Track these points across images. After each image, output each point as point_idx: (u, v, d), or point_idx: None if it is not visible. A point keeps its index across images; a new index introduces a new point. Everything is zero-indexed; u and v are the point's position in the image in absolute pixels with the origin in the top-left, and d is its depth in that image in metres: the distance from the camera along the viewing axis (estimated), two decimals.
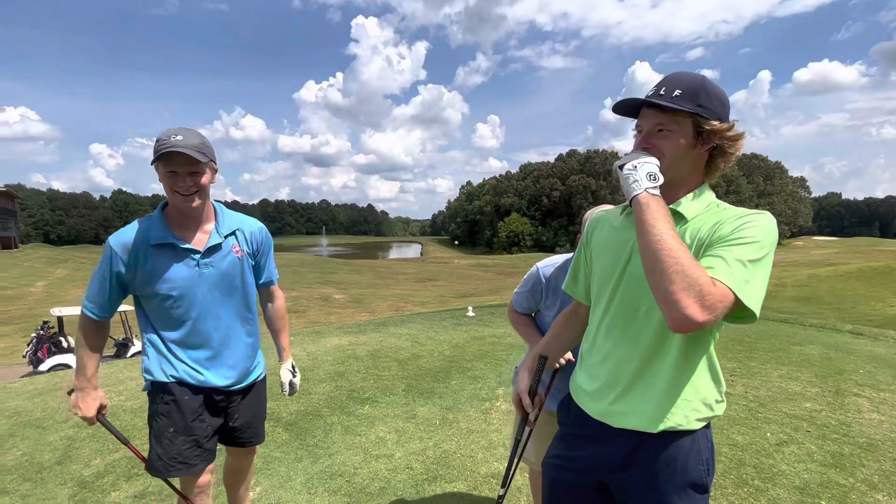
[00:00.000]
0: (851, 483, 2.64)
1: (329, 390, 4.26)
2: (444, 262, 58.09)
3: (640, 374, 1.12)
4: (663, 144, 1.07)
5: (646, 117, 1.09)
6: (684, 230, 1.08)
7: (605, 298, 1.19)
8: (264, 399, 2.03)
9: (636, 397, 1.13)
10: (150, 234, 1.61)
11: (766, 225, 1.01)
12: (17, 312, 18.17)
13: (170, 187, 1.57)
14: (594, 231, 1.31)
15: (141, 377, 4.85)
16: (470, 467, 2.87)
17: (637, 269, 1.11)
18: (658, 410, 1.10)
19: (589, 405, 1.22)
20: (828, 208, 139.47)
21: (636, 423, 1.12)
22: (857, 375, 4.51)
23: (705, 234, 1.04)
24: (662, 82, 1.07)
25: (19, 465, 2.94)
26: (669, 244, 0.93)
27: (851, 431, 3.29)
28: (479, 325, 7.32)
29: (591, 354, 1.25)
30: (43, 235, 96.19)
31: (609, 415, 1.17)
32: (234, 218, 1.79)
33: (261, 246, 1.85)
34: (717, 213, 1.08)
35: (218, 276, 1.70)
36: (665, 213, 0.99)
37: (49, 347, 9.58)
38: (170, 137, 1.52)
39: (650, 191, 1.01)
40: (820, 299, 12.78)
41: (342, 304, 20.29)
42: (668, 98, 1.04)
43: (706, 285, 0.90)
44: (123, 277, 1.63)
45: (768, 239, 0.99)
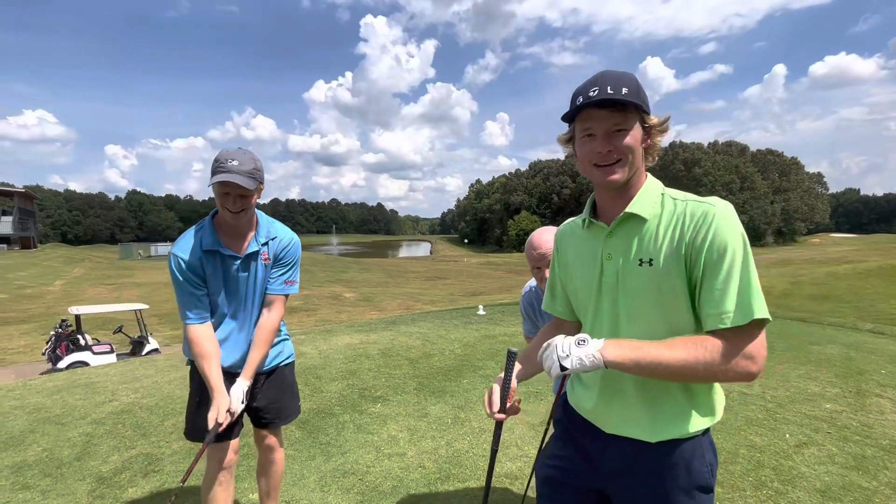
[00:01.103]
0: (875, 486, 2.57)
1: (341, 388, 4.27)
2: (454, 260, 58.05)
3: (633, 383, 1.11)
4: (625, 144, 1.03)
5: (598, 118, 1.03)
6: (645, 232, 1.06)
7: (589, 310, 1.19)
8: (291, 382, 2.15)
9: (632, 406, 1.12)
10: (202, 240, 1.83)
11: (733, 223, 0.99)
12: (37, 311, 18.57)
13: (221, 204, 1.76)
14: (563, 247, 1.30)
15: (157, 375, 4.94)
16: (482, 467, 2.86)
17: (610, 280, 1.12)
18: (655, 420, 1.09)
19: (587, 412, 1.22)
20: (846, 204, 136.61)
21: (635, 432, 1.11)
22: (878, 376, 4.40)
23: (674, 238, 1.02)
24: (604, 81, 1.01)
25: (39, 460, 3.00)
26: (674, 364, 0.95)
27: (874, 433, 3.21)
28: (490, 324, 7.30)
29: None
30: (60, 235, 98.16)
31: (607, 423, 1.16)
32: (272, 227, 1.97)
33: (280, 254, 1.97)
34: (671, 209, 1.06)
35: (252, 279, 1.92)
36: (632, 348, 0.98)
37: (67, 345, 9.75)
38: (227, 161, 1.69)
39: (600, 351, 0.98)
40: (838, 298, 12.49)
41: (352, 303, 20.39)
42: (620, 95, 1.00)
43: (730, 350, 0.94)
44: (197, 274, 1.82)
45: (742, 237, 0.98)
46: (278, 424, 2.10)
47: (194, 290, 1.83)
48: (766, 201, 70.78)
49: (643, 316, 1.08)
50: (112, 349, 10.05)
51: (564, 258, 1.29)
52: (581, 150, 1.09)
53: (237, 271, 1.87)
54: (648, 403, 1.10)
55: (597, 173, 1.07)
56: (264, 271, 1.93)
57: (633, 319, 1.09)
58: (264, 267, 1.93)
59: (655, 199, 1.08)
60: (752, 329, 0.94)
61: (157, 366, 5.23)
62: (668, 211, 1.06)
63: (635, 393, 1.11)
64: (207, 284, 1.86)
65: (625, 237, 1.10)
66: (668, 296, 1.04)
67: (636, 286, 1.07)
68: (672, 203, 1.07)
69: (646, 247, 1.06)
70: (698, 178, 70.45)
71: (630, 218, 1.09)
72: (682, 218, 1.03)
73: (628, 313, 1.09)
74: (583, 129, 1.07)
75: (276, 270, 1.97)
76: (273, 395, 2.04)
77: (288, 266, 1.99)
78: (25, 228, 45.81)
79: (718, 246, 0.97)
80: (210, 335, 1.86)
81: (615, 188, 1.09)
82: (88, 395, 4.21)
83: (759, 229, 70.19)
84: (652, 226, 1.06)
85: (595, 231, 1.17)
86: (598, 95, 1.00)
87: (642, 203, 1.08)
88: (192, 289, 1.82)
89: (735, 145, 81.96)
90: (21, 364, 10.76)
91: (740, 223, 0.99)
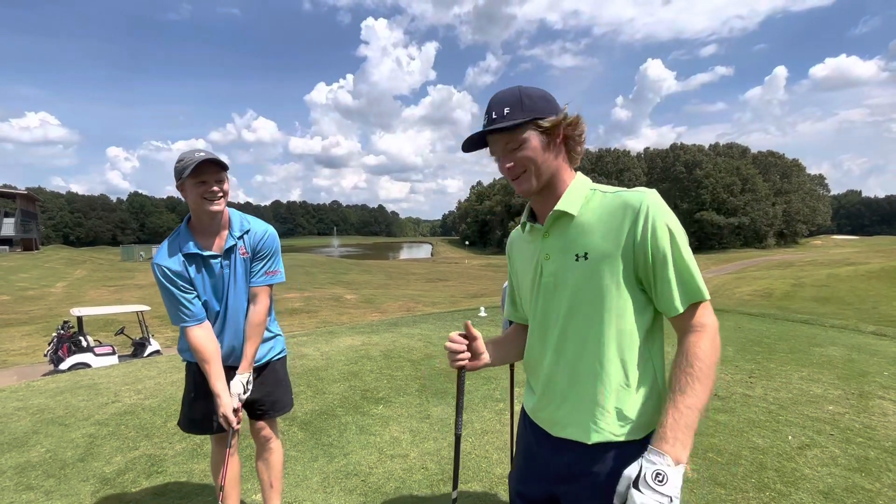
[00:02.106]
0: (878, 488, 2.57)
1: (343, 390, 4.28)
2: (455, 262, 58.06)
3: (570, 384, 1.12)
4: (523, 156, 1.09)
5: (495, 143, 1.12)
6: (577, 228, 1.10)
7: (531, 312, 1.21)
8: (283, 376, 2.20)
9: (570, 407, 1.12)
10: (180, 245, 1.88)
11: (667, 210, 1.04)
12: (39, 312, 18.60)
13: (200, 195, 1.78)
14: (511, 252, 1.34)
15: (159, 376, 4.95)
16: (485, 468, 2.86)
17: (548, 279, 1.14)
18: (591, 420, 1.08)
19: (535, 414, 1.23)
20: (847, 206, 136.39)
21: (574, 433, 1.11)
22: (881, 377, 4.39)
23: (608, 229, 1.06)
24: (490, 108, 1.10)
25: (43, 461, 3.01)
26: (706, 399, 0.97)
27: (876, 435, 3.20)
28: (492, 326, 7.30)
29: (529, 366, 1.27)
30: (62, 237, 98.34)
31: (551, 424, 1.17)
32: (245, 221, 2.01)
33: (256, 247, 1.99)
34: (601, 203, 1.10)
35: (234, 275, 1.96)
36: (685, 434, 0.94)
37: (69, 347, 9.77)
38: (194, 154, 1.75)
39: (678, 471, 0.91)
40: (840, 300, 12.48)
41: (354, 305, 20.39)
42: (502, 119, 1.07)
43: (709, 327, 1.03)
44: (184, 279, 1.86)
45: (676, 223, 1.04)
46: (273, 416, 2.16)
47: (184, 294, 1.87)
48: (768, 203, 70.63)
49: (583, 310, 1.09)
50: (114, 351, 10.06)
51: (514, 265, 1.32)
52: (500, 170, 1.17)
53: (220, 269, 1.92)
54: (586, 403, 1.09)
55: (515, 185, 1.14)
56: (244, 265, 1.98)
57: (575, 315, 1.10)
58: (243, 261, 1.97)
59: (583, 195, 1.12)
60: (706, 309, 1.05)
61: (160, 367, 5.24)
62: (598, 204, 1.10)
63: (573, 393, 1.12)
64: (194, 287, 1.90)
65: (559, 235, 1.13)
66: (605, 286, 1.06)
67: (574, 281, 1.09)
68: (601, 196, 1.10)
69: (579, 241, 1.09)
70: (699, 179, 70.35)
71: (561, 216, 1.12)
72: (615, 210, 1.06)
73: (570, 309, 1.10)
74: (491, 153, 1.15)
75: (256, 263, 2.00)
76: (267, 388, 2.11)
77: (266, 257, 2.01)
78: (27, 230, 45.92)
79: (659, 236, 1.01)
80: (210, 336, 1.92)
81: (531, 195, 1.15)
82: (91, 397, 4.22)
83: (760, 231, 70.07)
84: (582, 220, 1.09)
85: (534, 234, 1.20)
86: (486, 125, 1.09)
87: (569, 200, 1.11)
88: (181, 294, 1.86)
89: (736, 147, 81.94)
90: (23, 366, 10.78)
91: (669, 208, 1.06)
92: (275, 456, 2.21)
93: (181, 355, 2.09)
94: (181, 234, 1.90)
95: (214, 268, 1.91)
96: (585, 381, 1.09)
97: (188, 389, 2.08)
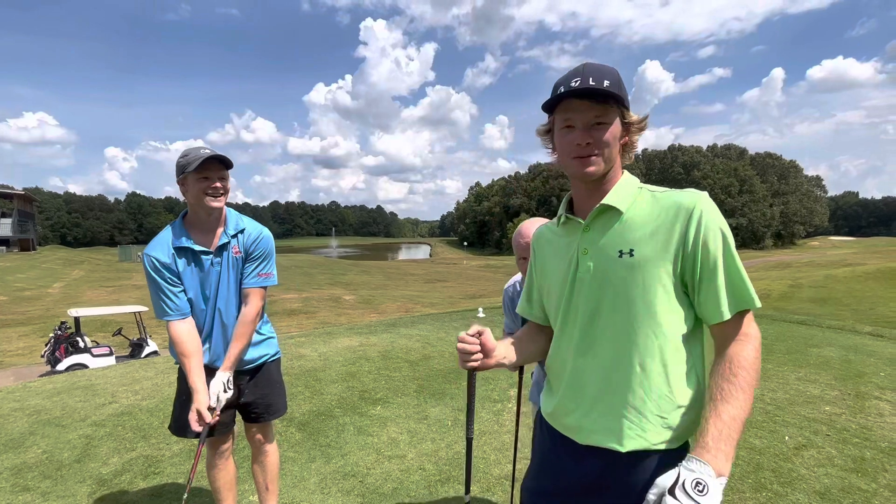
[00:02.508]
0: (874, 488, 2.58)
1: (341, 391, 4.27)
2: (453, 263, 58.06)
3: (604, 387, 1.05)
4: (606, 136, 1.01)
5: (579, 110, 1.01)
6: (623, 224, 1.05)
7: (560, 309, 1.14)
8: (277, 378, 2.18)
9: (602, 412, 1.05)
10: (172, 238, 1.88)
11: (718, 215, 1.00)
12: (36, 313, 18.54)
13: (201, 191, 1.80)
14: (538, 247, 1.28)
15: (156, 377, 4.93)
16: (483, 469, 2.86)
17: (585, 275, 1.07)
18: (628, 427, 1.01)
19: (555, 420, 1.16)
20: (844, 207, 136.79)
21: (603, 439, 1.04)
22: (877, 378, 4.41)
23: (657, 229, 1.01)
24: (587, 72, 1.00)
25: (39, 462, 3.00)
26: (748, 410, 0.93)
27: (873, 435, 3.22)
28: (490, 326, 7.25)
29: (553, 367, 1.20)
30: (60, 237, 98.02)
31: (576, 430, 1.09)
32: (241, 221, 2.01)
33: (250, 247, 1.98)
34: (651, 201, 1.05)
35: (225, 273, 1.95)
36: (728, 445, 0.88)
37: (66, 347, 9.74)
38: (199, 151, 1.78)
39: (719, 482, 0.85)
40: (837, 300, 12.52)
41: (352, 305, 20.37)
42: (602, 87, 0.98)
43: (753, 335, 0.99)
44: (171, 272, 1.86)
45: (727, 228, 0.99)
46: (267, 419, 2.14)
47: (171, 287, 1.87)
48: (765, 204, 70.82)
49: (623, 309, 1.03)
50: (111, 351, 10.03)
51: (541, 261, 1.26)
52: (560, 141, 1.07)
53: (209, 266, 1.92)
54: (622, 408, 1.02)
55: (575, 164, 1.05)
56: (236, 264, 1.97)
57: (612, 313, 1.04)
58: (235, 260, 1.96)
59: (632, 192, 1.07)
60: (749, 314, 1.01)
61: (157, 368, 5.23)
62: (647, 203, 1.05)
63: (606, 397, 1.05)
64: (182, 281, 1.90)
65: (601, 230, 1.07)
66: (649, 286, 1.01)
67: (615, 277, 1.04)
68: (651, 196, 1.06)
69: (624, 237, 1.04)
70: (697, 180, 70.48)
71: (606, 210, 1.07)
72: (666, 209, 1.02)
73: (607, 307, 1.05)
74: (563, 119, 1.04)
75: (249, 265, 1.99)
76: (261, 391, 2.09)
77: (260, 259, 2.00)
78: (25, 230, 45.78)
79: (710, 239, 0.97)
80: (191, 331, 1.90)
81: (591, 180, 1.07)
82: (88, 398, 4.21)
83: (758, 232, 70.26)
84: (629, 217, 1.05)
85: (571, 227, 1.15)
86: (581, 86, 0.98)
87: (618, 195, 1.06)
88: (167, 286, 1.86)
89: (734, 148, 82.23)
90: (20, 366, 10.73)
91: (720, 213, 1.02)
92: (270, 459, 2.20)
93: (173, 357, 2.04)
94: (175, 227, 1.91)
95: (204, 264, 1.91)
96: (622, 384, 1.02)
97: (179, 392, 2.05)
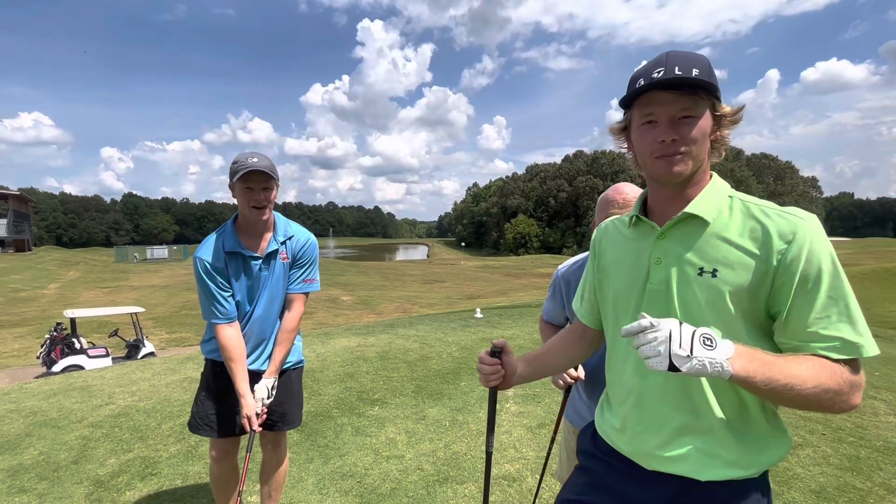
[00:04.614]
0: (869, 487, 2.60)
1: (339, 391, 4.27)
2: (451, 263, 58.08)
3: (674, 410, 0.95)
4: (694, 132, 0.89)
5: (663, 102, 0.89)
6: (708, 237, 0.92)
7: (626, 321, 0.99)
8: (296, 388, 2.17)
9: (674, 436, 0.95)
10: (224, 242, 1.92)
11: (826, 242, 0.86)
12: (31, 314, 18.44)
13: (246, 202, 1.85)
14: (602, 243, 1.15)
15: (153, 378, 4.91)
16: (480, 469, 2.86)
17: (658, 286, 0.96)
18: (704, 454, 0.92)
19: (615, 439, 1.06)
20: (840, 208, 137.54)
21: (680, 468, 0.94)
22: (872, 378, 4.44)
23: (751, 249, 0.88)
24: (672, 61, 0.88)
25: (36, 464, 2.99)
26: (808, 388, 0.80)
27: (868, 434, 3.24)
28: (488, 327, 7.31)
29: (616, 386, 1.09)
30: (55, 238, 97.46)
31: (643, 455, 1.00)
32: (290, 227, 2.06)
33: (297, 254, 2.04)
34: (745, 214, 0.92)
35: (272, 279, 1.99)
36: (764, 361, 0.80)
37: (62, 349, 9.70)
38: (247, 160, 1.81)
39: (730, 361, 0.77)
40: None
41: (349, 306, 20.35)
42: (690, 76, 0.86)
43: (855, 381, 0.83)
44: (223, 276, 1.91)
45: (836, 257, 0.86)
46: (280, 429, 2.12)
47: (220, 292, 1.91)
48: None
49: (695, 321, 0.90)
50: (107, 352, 9.99)
51: (602, 260, 1.13)
52: (639, 139, 0.95)
53: (258, 271, 1.95)
54: (697, 434, 0.93)
55: (658, 165, 0.92)
56: (283, 270, 2.01)
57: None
58: (283, 266, 2.01)
59: (721, 201, 0.94)
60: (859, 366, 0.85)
61: (154, 369, 5.21)
62: (740, 216, 0.92)
63: (678, 422, 0.95)
64: (231, 285, 1.94)
65: (681, 241, 0.94)
66: (731, 312, 0.89)
67: (693, 297, 0.91)
68: (744, 208, 0.92)
69: (708, 254, 0.91)
70: None
71: (689, 219, 0.94)
72: (765, 230, 0.88)
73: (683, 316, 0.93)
74: (643, 115, 0.93)
75: (295, 270, 2.04)
76: (278, 398, 2.06)
77: (306, 265, 2.06)
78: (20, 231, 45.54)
79: (814, 268, 0.84)
80: (237, 336, 1.94)
81: (677, 183, 0.94)
82: (85, 399, 4.19)
83: None
84: (716, 230, 0.91)
85: (643, 231, 1.02)
86: (665, 76, 0.86)
87: (706, 203, 0.93)
88: (217, 290, 1.90)
89: (730, 149, 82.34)
90: (15, 368, 10.68)
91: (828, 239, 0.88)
92: (279, 470, 2.19)
93: (203, 350, 2.08)
94: (226, 231, 1.95)
95: (253, 269, 1.94)
96: (696, 408, 0.93)
97: (200, 388, 2.08)
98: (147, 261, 46.67)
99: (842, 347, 0.83)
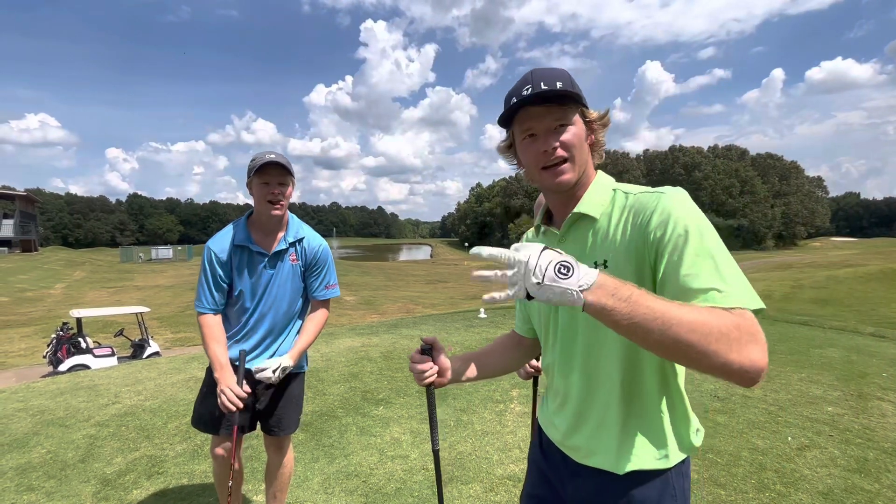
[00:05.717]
0: (877, 489, 2.58)
1: (343, 391, 4.28)
2: (455, 263, 58.06)
3: (589, 405, 1.02)
4: (570, 140, 0.95)
5: (538, 116, 0.96)
6: (597, 232, 0.98)
7: (548, 328, 1.09)
8: (296, 393, 2.15)
9: (596, 433, 1.01)
10: (235, 235, 1.95)
11: (689, 205, 0.88)
12: (37, 314, 18.58)
13: (263, 197, 1.87)
14: None
15: (159, 377, 4.94)
16: (486, 469, 2.86)
17: None
18: (622, 448, 0.98)
19: (556, 437, 1.12)
20: (846, 208, 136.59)
21: (600, 461, 1.00)
22: (880, 379, 4.41)
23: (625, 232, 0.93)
24: (537, 78, 0.95)
25: (44, 462, 3.01)
26: (682, 322, 0.72)
27: (875, 436, 3.22)
28: (492, 327, 7.31)
29: (550, 385, 1.17)
30: (61, 238, 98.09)
31: (573, 450, 1.06)
32: (301, 229, 2.06)
33: (311, 260, 2.06)
34: (623, 204, 0.96)
35: (279, 278, 1.99)
36: (633, 297, 0.74)
37: (68, 348, 9.75)
38: (265, 156, 1.84)
39: (587, 288, 0.73)
40: (839, 301, 12.49)
41: (353, 306, 20.38)
42: (556, 89, 0.93)
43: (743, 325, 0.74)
44: (225, 269, 1.93)
45: (704, 218, 0.86)
46: (277, 434, 2.10)
47: (218, 283, 1.94)
48: (767, 205, 70.77)
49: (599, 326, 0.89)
50: (113, 352, 10.05)
51: None
52: (525, 153, 1.01)
53: (263, 268, 1.96)
54: (613, 430, 0.99)
55: (546, 176, 0.98)
56: (292, 272, 2.02)
57: (592, 331, 0.99)
58: (292, 267, 2.02)
59: (605, 196, 1.00)
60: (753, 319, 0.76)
61: (160, 368, 5.24)
62: (619, 206, 0.97)
63: (594, 417, 1.01)
64: (234, 278, 1.96)
65: (576, 240, 1.01)
66: None
67: None
68: (623, 197, 0.98)
69: (599, 247, 0.97)
70: (698, 181, 70.56)
71: (579, 218, 1.01)
72: (632, 210, 0.93)
73: (587, 323, 0.99)
74: (522, 130, 0.99)
75: (315, 278, 2.07)
76: (275, 402, 2.05)
77: (323, 271, 2.08)
78: (26, 231, 45.88)
79: (678, 231, 0.84)
80: (219, 324, 1.96)
81: (566, 189, 1.00)
82: (91, 398, 4.22)
83: (759, 233, 70.21)
84: (603, 224, 0.98)
85: (548, 238, 1.09)
86: (533, 92, 0.93)
87: (590, 201, 1.00)
88: (214, 281, 1.93)
89: (735, 149, 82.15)
90: (22, 367, 10.76)
91: (697, 207, 0.88)
92: (282, 471, 2.19)
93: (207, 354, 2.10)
94: (239, 225, 1.98)
95: (258, 265, 1.96)
96: (608, 403, 0.99)
97: (203, 386, 2.09)
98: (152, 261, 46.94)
99: (718, 297, 0.77)
